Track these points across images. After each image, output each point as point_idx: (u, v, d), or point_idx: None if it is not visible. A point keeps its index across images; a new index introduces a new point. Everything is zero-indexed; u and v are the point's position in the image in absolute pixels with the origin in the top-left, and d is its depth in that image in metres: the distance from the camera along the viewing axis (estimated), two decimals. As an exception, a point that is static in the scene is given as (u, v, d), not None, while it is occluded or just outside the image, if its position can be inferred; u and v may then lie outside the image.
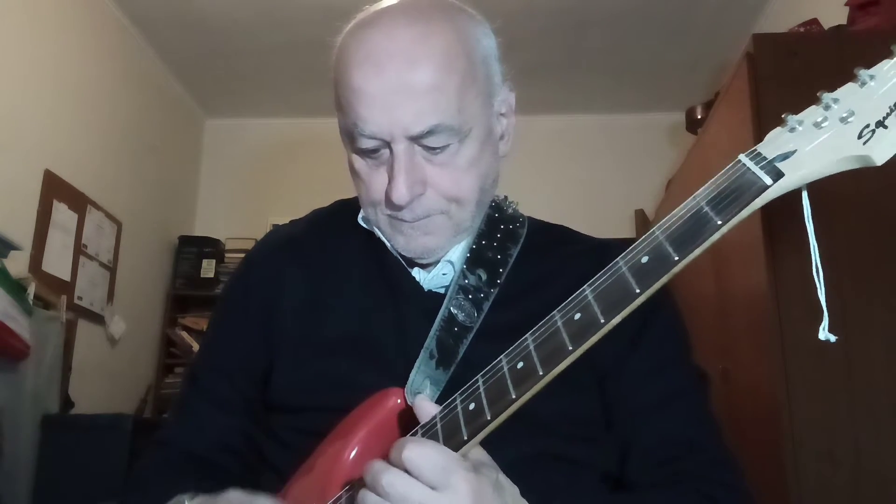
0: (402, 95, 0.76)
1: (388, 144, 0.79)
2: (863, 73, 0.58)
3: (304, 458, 0.81)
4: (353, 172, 0.85)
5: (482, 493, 0.63)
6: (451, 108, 0.78)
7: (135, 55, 3.99)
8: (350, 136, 0.81)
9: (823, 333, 0.62)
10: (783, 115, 0.60)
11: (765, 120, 2.06)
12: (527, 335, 0.65)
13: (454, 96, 0.78)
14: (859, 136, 0.57)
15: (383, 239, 0.88)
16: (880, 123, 0.56)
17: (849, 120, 0.58)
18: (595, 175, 4.58)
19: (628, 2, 3.59)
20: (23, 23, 3.05)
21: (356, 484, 0.73)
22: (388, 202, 0.80)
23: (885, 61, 0.58)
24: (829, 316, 0.62)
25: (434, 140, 0.78)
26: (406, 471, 0.62)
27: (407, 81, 0.76)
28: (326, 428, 0.80)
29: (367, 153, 0.81)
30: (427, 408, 0.69)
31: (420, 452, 0.62)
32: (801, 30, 2.44)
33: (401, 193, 0.78)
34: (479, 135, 0.82)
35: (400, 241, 0.85)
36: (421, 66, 0.77)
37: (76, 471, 2.72)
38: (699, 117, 3.23)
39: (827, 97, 0.59)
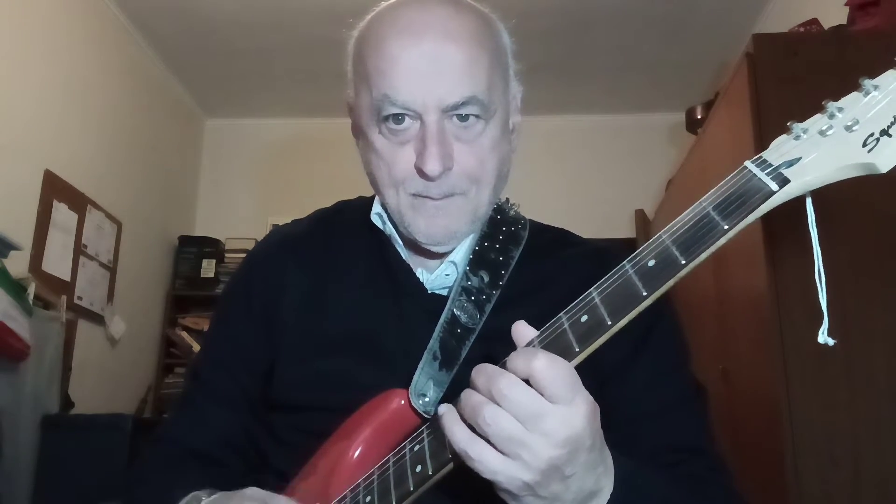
0: (439, 66, 0.78)
1: (419, 117, 0.79)
2: (867, 83, 0.59)
3: (306, 458, 0.81)
4: (374, 153, 0.84)
5: (595, 415, 0.62)
6: (482, 82, 0.80)
7: (135, 55, 3.99)
8: (377, 109, 0.81)
9: (822, 337, 0.63)
10: (788, 123, 0.61)
11: (765, 120, 2.07)
12: (533, 337, 0.65)
13: (485, 72, 0.80)
14: (864, 145, 0.58)
15: (394, 235, 0.89)
16: (884, 132, 0.57)
17: (853, 128, 0.58)
18: (595, 175, 4.59)
19: (629, 2, 3.59)
20: (22, 23, 3.04)
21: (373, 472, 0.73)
22: (421, 175, 0.80)
23: (889, 72, 0.59)
24: (829, 319, 0.62)
25: (465, 110, 0.80)
26: (526, 381, 0.60)
27: (444, 53, 0.78)
28: (328, 428, 0.80)
29: (392, 130, 0.81)
30: (524, 332, 0.66)
31: (551, 362, 0.60)
32: (801, 30, 2.45)
33: (434, 164, 0.78)
34: (501, 118, 0.85)
35: (420, 225, 0.84)
36: (456, 39, 0.79)
37: (76, 471, 2.72)
38: (699, 117, 3.23)
39: (832, 106, 0.60)
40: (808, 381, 1.89)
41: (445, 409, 0.65)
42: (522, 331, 0.66)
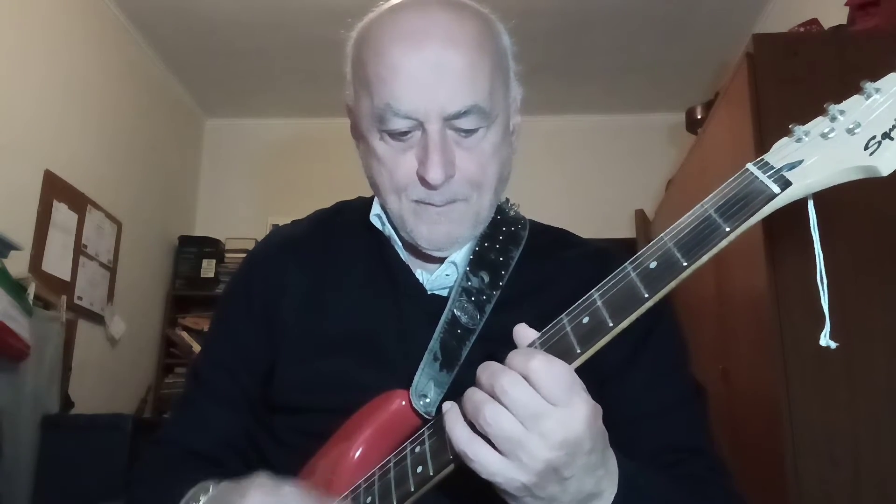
0: (441, 73, 0.77)
1: (420, 125, 0.79)
2: (868, 86, 0.59)
3: (307, 459, 0.81)
4: (375, 159, 0.84)
5: (597, 418, 0.62)
6: (484, 90, 0.79)
7: (135, 55, 3.99)
8: (379, 118, 0.80)
9: (825, 340, 0.63)
10: (790, 126, 0.61)
11: (765, 120, 2.07)
12: (535, 339, 0.65)
13: (487, 79, 0.80)
14: (866, 147, 0.58)
15: (393, 236, 0.89)
16: (886, 135, 0.57)
17: (855, 131, 0.59)
18: (595, 175, 4.59)
19: (629, 2, 3.59)
20: (22, 23, 3.04)
21: (375, 472, 0.73)
22: (423, 183, 0.80)
23: (891, 74, 0.59)
24: (830, 321, 0.62)
25: (467, 122, 0.79)
26: (526, 379, 0.59)
27: (445, 60, 0.77)
28: (328, 429, 0.80)
29: (395, 136, 0.81)
30: (526, 334, 0.66)
31: (548, 363, 0.60)
32: (801, 30, 2.45)
33: (437, 173, 0.78)
34: (502, 123, 0.84)
35: (423, 231, 0.84)
36: (458, 45, 0.78)
37: (76, 471, 2.72)
38: (699, 117, 3.23)
39: (833, 109, 0.60)
40: (808, 381, 1.89)
41: (449, 407, 0.65)
42: (524, 333, 0.66)
